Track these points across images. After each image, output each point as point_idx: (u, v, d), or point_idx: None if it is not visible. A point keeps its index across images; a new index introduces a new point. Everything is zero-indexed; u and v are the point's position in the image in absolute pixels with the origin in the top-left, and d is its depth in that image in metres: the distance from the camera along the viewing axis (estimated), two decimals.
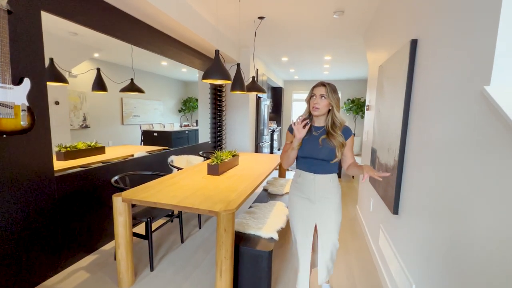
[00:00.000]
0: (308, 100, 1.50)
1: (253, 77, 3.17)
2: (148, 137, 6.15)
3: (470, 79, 0.95)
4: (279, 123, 8.43)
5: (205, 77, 2.12)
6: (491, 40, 0.82)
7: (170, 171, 2.93)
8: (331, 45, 4.20)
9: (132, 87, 3.66)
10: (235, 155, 2.70)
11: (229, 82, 2.24)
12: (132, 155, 3.14)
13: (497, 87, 0.80)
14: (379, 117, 2.20)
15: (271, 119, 8.32)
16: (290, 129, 1.55)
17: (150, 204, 1.62)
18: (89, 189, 2.20)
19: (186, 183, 2.03)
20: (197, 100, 5.42)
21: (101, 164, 2.48)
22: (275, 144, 7.33)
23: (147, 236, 1.94)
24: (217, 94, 4.36)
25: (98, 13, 2.11)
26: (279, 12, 2.91)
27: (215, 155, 2.40)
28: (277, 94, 8.22)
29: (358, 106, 7.71)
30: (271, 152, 6.99)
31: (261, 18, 3.10)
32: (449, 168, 1.06)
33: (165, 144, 5.88)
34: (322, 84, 1.44)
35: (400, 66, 1.68)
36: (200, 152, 3.52)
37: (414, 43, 1.50)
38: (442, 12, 1.21)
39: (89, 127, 6.06)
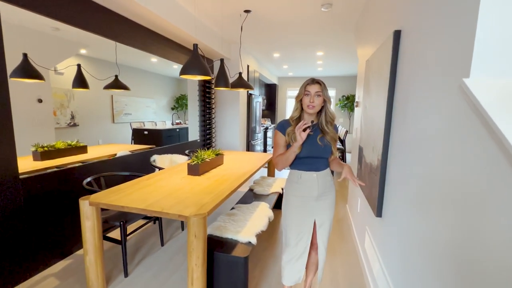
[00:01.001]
0: (300, 98, 1.44)
1: (240, 73, 3.06)
2: (139, 135, 6.03)
3: (450, 71, 0.85)
4: (273, 120, 8.32)
5: (182, 72, 2.00)
6: (471, 27, 0.72)
7: (153, 171, 2.83)
8: (322, 41, 4.08)
9: (116, 84, 3.53)
10: (218, 154, 2.59)
11: (208, 78, 2.13)
12: (115, 155, 3.04)
13: (476, 79, 0.70)
14: (365, 114, 2.10)
15: (265, 116, 8.22)
16: (280, 129, 1.48)
17: (117, 208, 1.52)
18: (63, 191, 2.10)
19: (162, 184, 1.93)
20: None
21: (78, 164, 2.38)
22: (269, 141, 7.23)
23: (121, 240, 1.84)
24: (206, 91, 4.25)
25: (68, 5, 1.98)
26: (265, 4, 2.79)
27: (196, 154, 2.30)
28: (271, 91, 8.10)
29: (352, 103, 7.62)
30: (265, 150, 6.89)
31: (247, 11, 2.98)
32: (432, 169, 0.97)
33: (156, 143, 5.76)
34: (317, 82, 1.41)
35: (384, 59, 1.57)
36: (186, 151, 3.42)
37: (397, 34, 1.39)
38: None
39: (78, 125, 5.92)
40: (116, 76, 3.60)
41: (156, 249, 2.25)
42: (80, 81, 3.26)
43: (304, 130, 1.34)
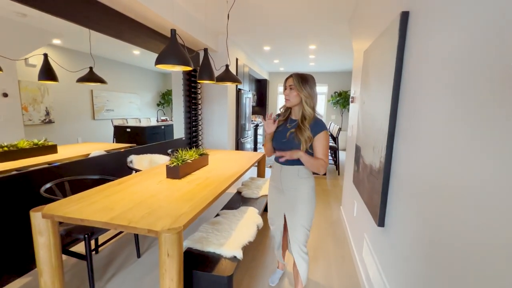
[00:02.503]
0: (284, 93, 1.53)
1: (227, 65, 2.81)
2: (121, 133, 5.69)
3: (486, 51, 0.65)
4: (264, 117, 8.09)
5: (158, 61, 1.75)
6: None
7: (130, 173, 2.56)
8: (315, 32, 3.88)
9: (91, 77, 3.22)
10: (203, 154, 2.36)
11: (188, 69, 1.89)
12: (88, 155, 2.75)
13: None
14: (364, 109, 1.91)
15: (255, 113, 7.99)
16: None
17: (75, 222, 1.28)
18: (22, 198, 1.82)
19: (135, 190, 1.68)
20: None
21: (44, 166, 2.10)
22: (259, 139, 7.01)
23: (86, 256, 1.59)
24: (191, 85, 3.98)
25: None
26: None
27: (176, 155, 2.06)
28: (261, 87, 7.87)
29: (345, 99, 7.49)
30: (255, 148, 6.67)
31: None
32: (449, 172, 0.78)
33: (139, 141, 5.43)
34: (290, 75, 1.46)
35: (387, 47, 1.38)
36: (169, 151, 3.16)
37: (404, 16, 1.20)
38: None
39: (53, 122, 5.51)
40: (91, 68, 3.28)
41: (131, 261, 2.01)
42: (47, 73, 2.93)
43: (274, 122, 1.46)
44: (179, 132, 4.22)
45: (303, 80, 1.40)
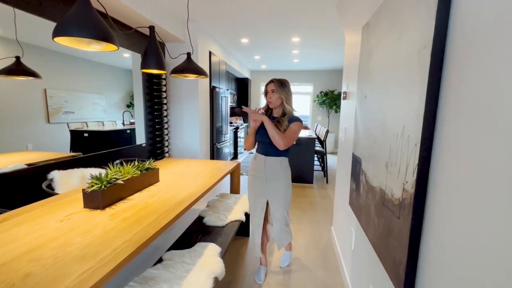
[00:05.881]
0: (265, 95, 1.74)
1: (189, 54, 2.22)
2: (78, 138, 4.92)
3: None
4: (246, 119, 7.53)
5: (56, 32, 1.12)
6: None
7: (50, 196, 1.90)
8: (298, 21, 3.36)
9: (17, 69, 2.52)
10: (149, 169, 1.74)
11: (112, 47, 1.29)
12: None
13: None
14: (365, 106, 1.38)
15: (236, 114, 7.41)
16: None
17: None
18: None
19: (15, 235, 1.05)
20: None
21: None
22: (240, 143, 6.42)
23: None
24: (154, 81, 3.35)
25: None
26: None
27: (101, 174, 1.43)
28: (243, 86, 7.30)
29: (331, 100, 7.06)
30: (235, 153, 6.07)
31: None
32: None
33: (99, 147, 4.71)
34: (271, 80, 1.68)
35: (408, 5, 0.84)
36: (116, 162, 2.51)
37: None
38: None
39: None
40: (18, 57, 2.57)
41: None
42: None
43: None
44: (141, 137, 3.59)
45: (282, 84, 1.66)
